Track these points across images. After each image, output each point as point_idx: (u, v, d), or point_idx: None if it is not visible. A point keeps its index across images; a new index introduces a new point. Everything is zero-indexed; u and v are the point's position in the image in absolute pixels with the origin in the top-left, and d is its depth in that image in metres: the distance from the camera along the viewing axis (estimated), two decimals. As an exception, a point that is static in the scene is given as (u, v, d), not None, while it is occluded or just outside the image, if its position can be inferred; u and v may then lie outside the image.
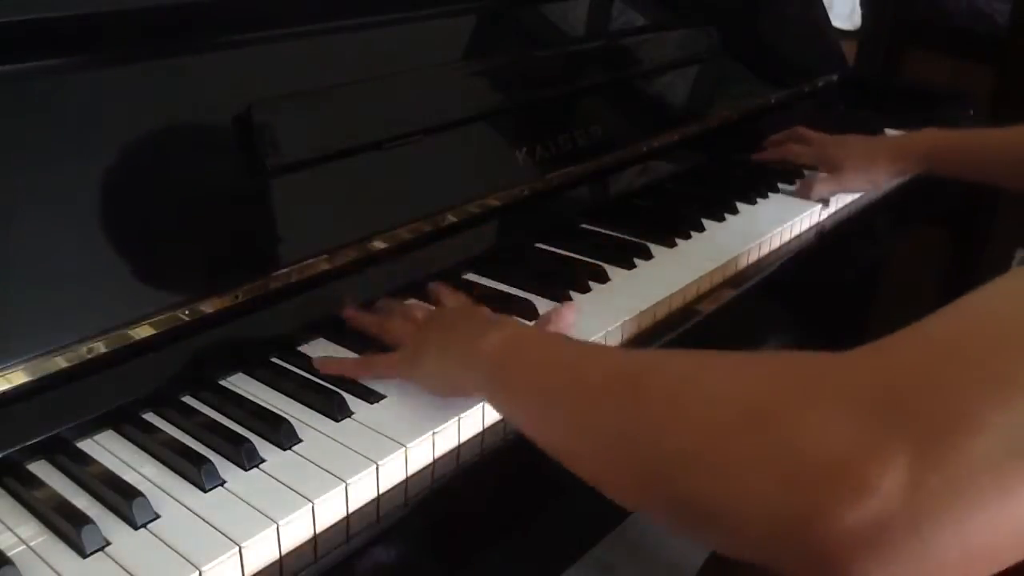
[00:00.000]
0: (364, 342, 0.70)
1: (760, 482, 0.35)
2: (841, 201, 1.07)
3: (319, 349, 0.70)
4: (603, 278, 0.82)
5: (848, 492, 0.32)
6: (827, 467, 0.33)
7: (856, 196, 1.10)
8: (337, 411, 0.61)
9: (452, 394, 0.62)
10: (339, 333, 0.72)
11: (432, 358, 0.61)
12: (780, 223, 0.98)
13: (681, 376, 0.43)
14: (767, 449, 0.35)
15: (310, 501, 0.53)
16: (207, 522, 0.52)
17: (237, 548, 0.50)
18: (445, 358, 0.60)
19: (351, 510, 0.56)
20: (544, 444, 0.50)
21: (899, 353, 0.36)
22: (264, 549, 0.51)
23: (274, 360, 0.69)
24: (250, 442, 0.57)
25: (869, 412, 0.33)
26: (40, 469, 0.57)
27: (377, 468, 0.56)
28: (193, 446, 0.58)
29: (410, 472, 0.59)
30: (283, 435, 0.58)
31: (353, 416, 0.62)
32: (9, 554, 0.49)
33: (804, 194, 1.05)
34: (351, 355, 0.69)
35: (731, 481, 0.36)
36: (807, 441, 0.34)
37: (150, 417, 0.62)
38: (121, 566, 0.49)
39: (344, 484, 0.55)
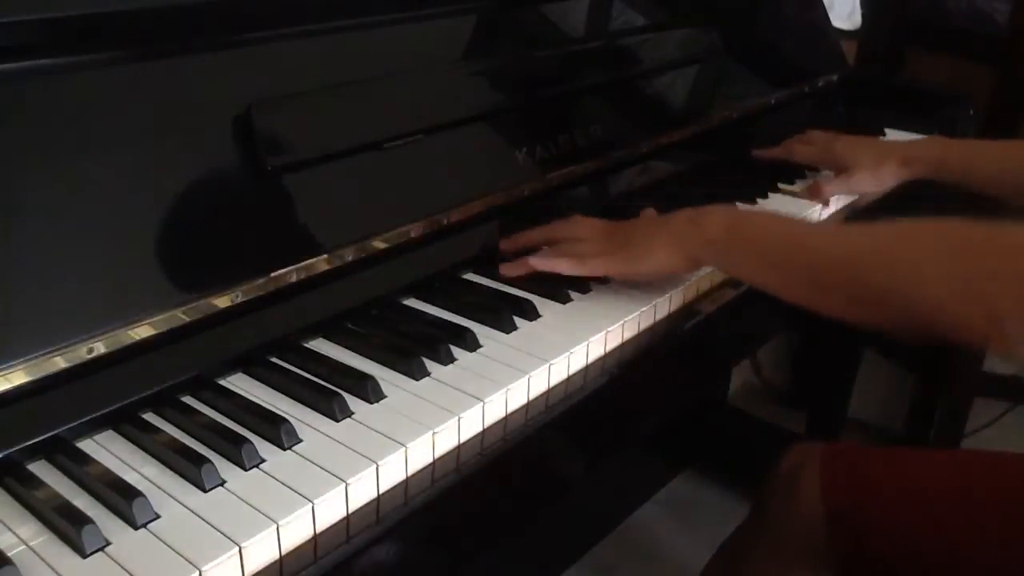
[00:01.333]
0: (365, 341, 0.71)
1: (965, 308, 0.62)
2: (841, 201, 1.07)
3: (319, 349, 0.70)
4: (603, 278, 0.82)
5: (1010, 320, 0.59)
6: (999, 313, 0.60)
7: (855, 197, 1.10)
8: (337, 411, 0.61)
9: (687, 266, 0.78)
10: (339, 333, 0.72)
11: (660, 249, 0.76)
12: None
13: (914, 256, 0.66)
14: (968, 292, 0.62)
15: (310, 501, 0.53)
16: (207, 522, 0.52)
17: (237, 548, 0.50)
18: (675, 245, 0.76)
19: (351, 510, 0.56)
20: (778, 293, 0.73)
21: None
22: (264, 549, 0.51)
23: (274, 360, 0.69)
24: (250, 442, 0.57)
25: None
26: (40, 469, 0.57)
27: (377, 468, 0.56)
28: (193, 446, 0.58)
29: (410, 472, 0.59)
30: (283, 435, 0.58)
31: (353, 416, 0.62)
32: (9, 554, 0.49)
33: (814, 195, 1.05)
34: (351, 355, 0.69)
35: (946, 308, 0.63)
36: (1016, 307, 0.59)
37: (150, 417, 0.62)
38: (121, 566, 0.49)
39: (344, 484, 0.55)
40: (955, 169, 1.02)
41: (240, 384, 0.66)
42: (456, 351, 0.69)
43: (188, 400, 0.64)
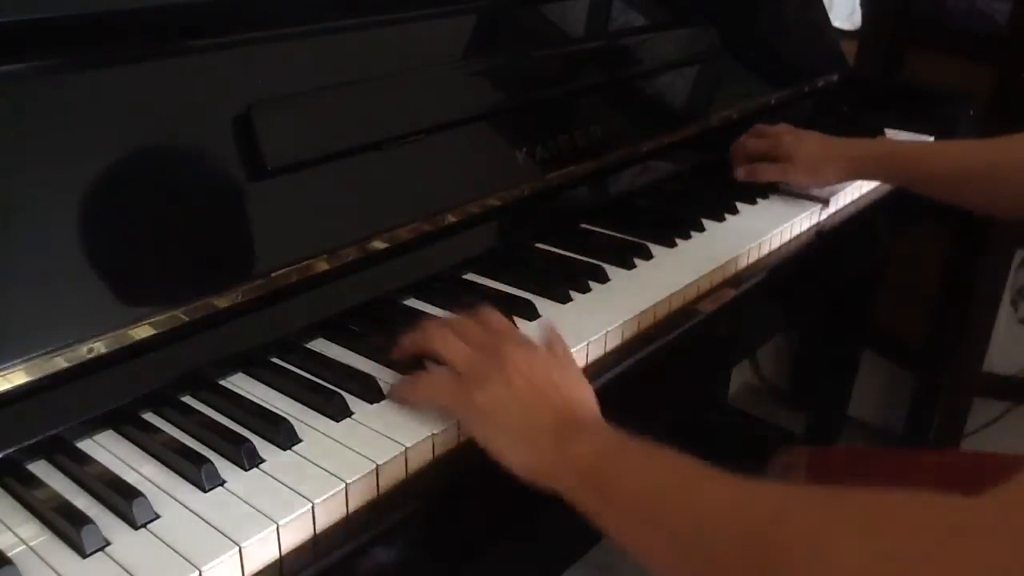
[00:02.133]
0: (365, 341, 0.71)
1: None
2: (841, 201, 1.07)
3: (319, 349, 0.70)
4: (603, 278, 0.82)
5: None
6: None
7: (856, 196, 1.10)
8: (337, 411, 0.61)
9: (536, 479, 0.57)
10: (339, 333, 0.72)
11: (510, 436, 0.58)
12: (780, 223, 0.98)
13: (806, 532, 0.42)
14: None
15: (310, 501, 0.53)
16: (207, 522, 0.52)
17: (237, 548, 0.50)
18: (528, 447, 0.57)
19: (351, 510, 0.56)
20: (645, 560, 0.51)
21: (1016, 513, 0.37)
22: (264, 549, 0.51)
23: (274, 360, 0.69)
24: (250, 442, 0.57)
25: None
26: (40, 469, 0.57)
27: (377, 468, 0.56)
28: (193, 446, 0.58)
29: (410, 472, 0.59)
30: (283, 435, 0.58)
31: (353, 416, 0.62)
32: (9, 554, 0.49)
33: (749, 176, 1.06)
34: (351, 355, 0.69)
35: None
36: None
37: (150, 417, 0.62)
38: (121, 566, 0.49)
39: (344, 484, 0.55)
40: (907, 170, 0.99)
41: (240, 384, 0.66)
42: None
43: (188, 400, 0.64)
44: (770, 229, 0.96)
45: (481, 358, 0.61)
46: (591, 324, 0.74)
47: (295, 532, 0.53)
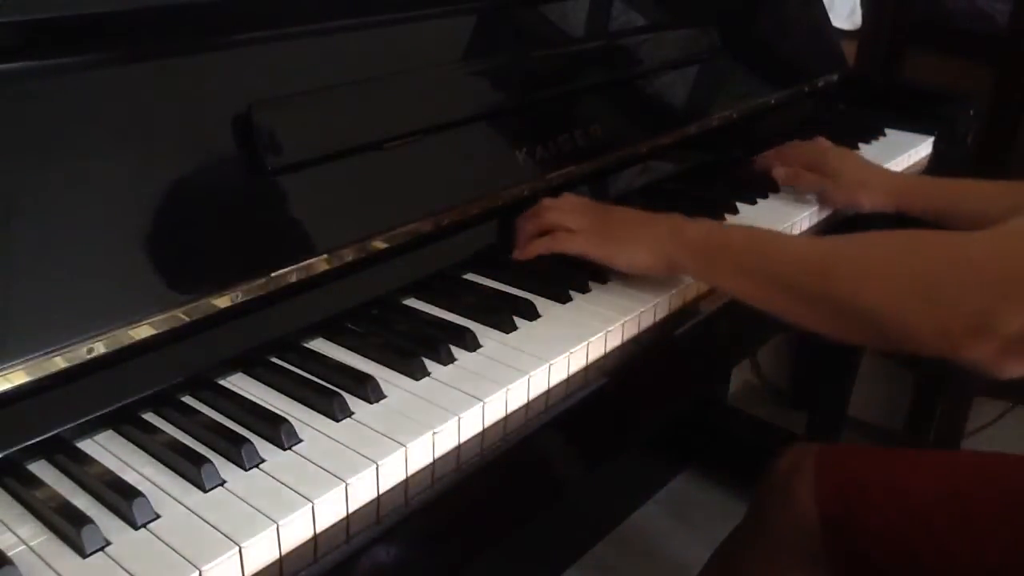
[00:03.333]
0: (365, 341, 0.71)
1: (931, 320, 0.63)
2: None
3: (319, 349, 0.70)
4: (603, 278, 0.82)
5: (983, 334, 0.60)
6: (971, 317, 0.60)
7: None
8: (337, 411, 0.61)
9: (663, 269, 0.79)
10: (339, 333, 0.72)
11: (640, 245, 0.79)
12: (780, 223, 0.98)
13: (870, 251, 0.69)
14: (933, 300, 0.62)
15: (310, 501, 0.53)
16: (207, 522, 0.52)
17: (237, 548, 0.50)
18: (654, 246, 0.78)
19: (351, 510, 0.56)
20: (750, 300, 0.75)
21: (1011, 239, 0.63)
22: (264, 549, 0.51)
23: (274, 360, 0.69)
24: (250, 442, 0.57)
25: (995, 284, 0.60)
26: (40, 469, 0.57)
27: (377, 468, 0.56)
28: (193, 446, 0.58)
29: (410, 472, 0.59)
30: (283, 435, 0.58)
31: (353, 416, 0.62)
32: (9, 554, 0.50)
33: (790, 181, 1.05)
34: (351, 355, 0.69)
35: (910, 319, 0.64)
36: (957, 311, 0.61)
37: (150, 417, 0.62)
38: (121, 566, 0.49)
39: (344, 484, 0.55)
40: (940, 210, 0.99)
41: (240, 384, 0.66)
42: (456, 351, 0.69)
43: (188, 400, 0.64)
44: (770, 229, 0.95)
45: (590, 209, 0.85)
46: (591, 324, 0.74)
47: (295, 532, 0.53)
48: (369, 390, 0.63)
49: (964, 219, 0.95)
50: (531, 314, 0.75)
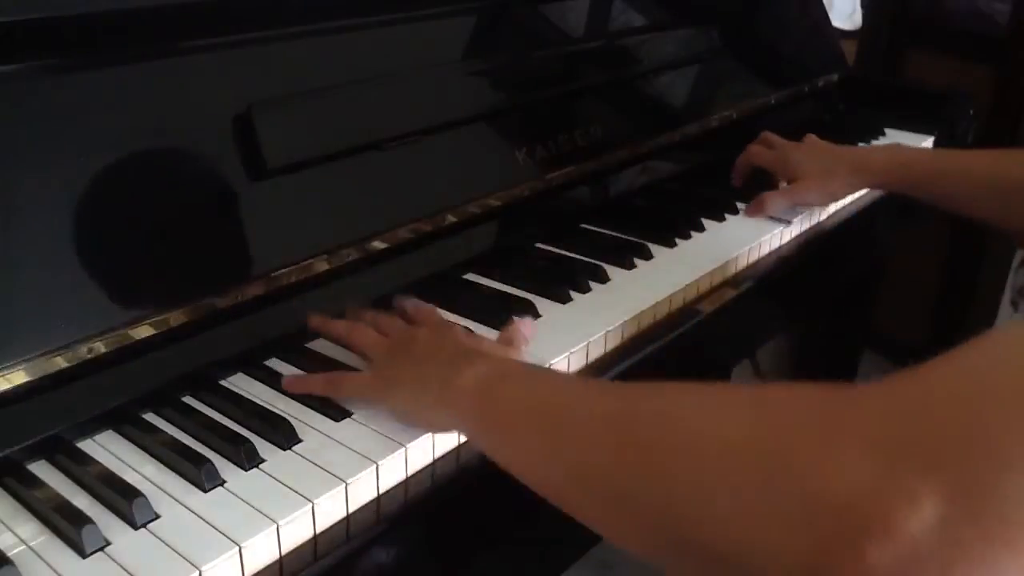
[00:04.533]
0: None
1: (779, 531, 0.33)
2: (841, 201, 1.07)
3: (319, 349, 0.70)
4: (603, 278, 0.82)
5: (872, 538, 0.30)
6: (849, 512, 0.31)
7: (856, 196, 1.09)
8: (337, 411, 0.61)
9: (426, 429, 0.59)
10: (339, 333, 0.72)
11: (405, 389, 0.60)
12: (780, 223, 0.98)
13: (683, 420, 0.41)
14: (784, 496, 0.34)
15: (310, 501, 0.53)
16: (207, 522, 0.52)
17: (237, 548, 0.50)
18: (419, 392, 0.58)
19: (351, 510, 0.56)
20: (532, 485, 0.49)
21: (921, 389, 0.34)
22: (264, 549, 0.51)
23: (274, 360, 0.69)
24: (250, 442, 0.57)
25: (891, 451, 0.32)
26: (40, 469, 0.57)
27: (377, 468, 0.56)
28: (193, 446, 0.58)
29: (410, 472, 0.59)
30: (283, 435, 0.58)
31: (353, 416, 0.62)
32: (9, 554, 0.49)
33: (757, 211, 0.98)
34: (352, 355, 0.69)
35: (748, 532, 0.35)
36: (826, 485, 0.32)
37: (150, 417, 0.62)
38: (121, 566, 0.49)
39: (344, 484, 0.55)
40: (915, 181, 0.96)
41: (240, 384, 0.66)
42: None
43: (188, 400, 0.64)
44: (770, 229, 0.96)
45: (392, 343, 0.64)
46: (591, 324, 0.74)
47: (295, 532, 0.53)
48: (369, 390, 0.63)
49: (939, 194, 0.94)
50: (531, 314, 0.75)
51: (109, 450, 0.59)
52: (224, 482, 0.55)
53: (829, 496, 0.32)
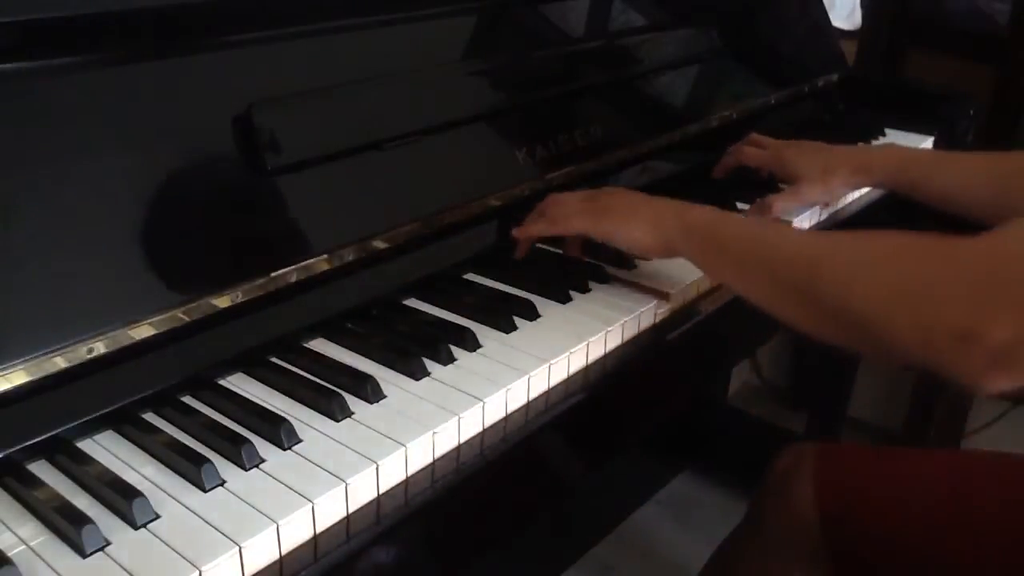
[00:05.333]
0: (365, 341, 0.71)
1: (913, 335, 0.58)
2: (842, 201, 1.07)
3: (319, 349, 0.70)
4: (603, 278, 0.82)
5: (967, 347, 0.55)
6: (955, 334, 0.55)
7: (857, 195, 1.09)
8: (337, 411, 0.61)
9: (660, 250, 0.78)
10: (339, 333, 0.72)
11: (638, 218, 0.78)
12: (784, 219, 0.98)
13: (854, 262, 0.65)
14: (916, 317, 0.58)
15: (310, 501, 0.53)
16: (207, 522, 0.52)
17: (237, 548, 0.50)
18: (652, 220, 0.77)
19: (351, 510, 0.56)
20: (749, 296, 0.72)
21: (1004, 244, 0.59)
22: (264, 549, 0.51)
23: (274, 360, 0.69)
24: (250, 442, 0.57)
25: (984, 291, 0.56)
26: (40, 469, 0.57)
27: (377, 468, 0.56)
28: (193, 446, 0.58)
29: (410, 472, 0.59)
30: (283, 435, 0.58)
31: (353, 416, 0.62)
32: (9, 554, 0.50)
33: (763, 211, 0.99)
34: (351, 355, 0.69)
35: (893, 335, 0.60)
36: (943, 316, 0.57)
37: (150, 417, 0.62)
38: (121, 566, 0.49)
39: (344, 484, 0.55)
40: (914, 180, 0.97)
41: (240, 384, 0.66)
42: (456, 351, 0.69)
43: (188, 400, 0.64)
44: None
45: (591, 195, 0.83)
46: (591, 324, 0.74)
47: (295, 532, 0.53)
48: (369, 390, 0.63)
49: (936, 194, 0.95)
50: (531, 314, 0.75)
51: (109, 450, 0.59)
52: (224, 482, 0.55)
53: (944, 313, 0.57)
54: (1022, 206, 0.86)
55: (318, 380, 0.66)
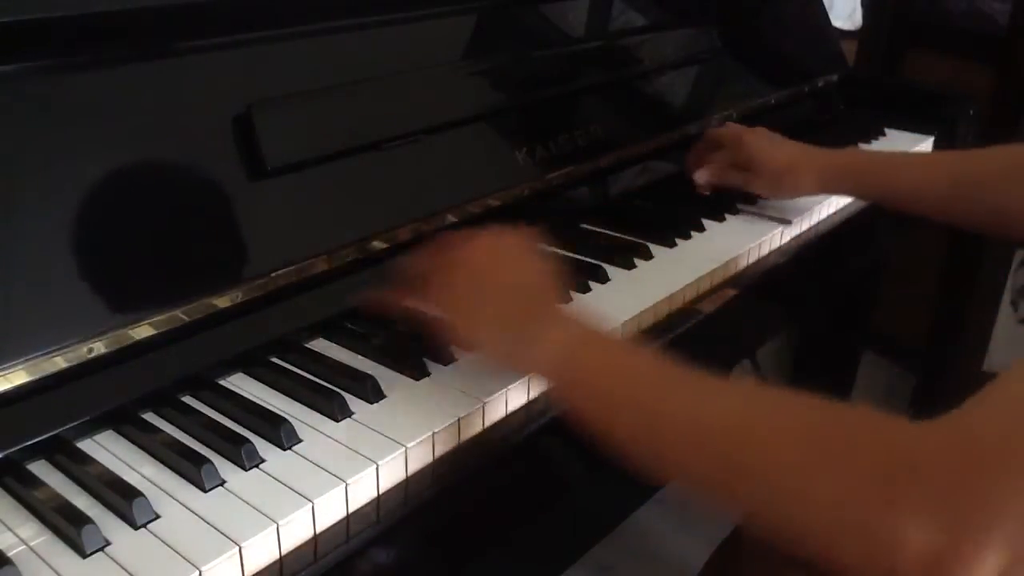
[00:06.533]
0: (365, 341, 0.71)
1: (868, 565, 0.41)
2: (842, 201, 1.07)
3: (319, 349, 0.70)
4: (603, 278, 0.82)
5: None
6: (922, 566, 0.38)
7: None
8: (337, 411, 0.61)
9: (517, 370, 0.64)
10: (339, 333, 0.72)
11: (494, 332, 0.63)
12: (780, 223, 0.98)
13: (755, 437, 0.50)
14: (866, 547, 0.41)
15: (310, 501, 0.53)
16: (207, 522, 0.52)
17: (237, 548, 0.50)
18: (507, 336, 0.62)
19: (351, 510, 0.56)
20: (609, 440, 0.55)
21: (972, 434, 0.42)
22: (264, 549, 0.51)
23: (274, 360, 0.69)
24: (250, 442, 0.57)
25: (955, 506, 0.38)
26: (40, 469, 0.57)
27: (377, 468, 0.56)
28: (193, 446, 0.58)
29: (410, 472, 0.59)
30: (283, 435, 0.58)
31: (353, 416, 0.62)
32: (9, 554, 0.49)
33: (713, 177, 0.98)
34: (351, 355, 0.69)
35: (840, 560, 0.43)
36: (899, 540, 0.39)
37: (150, 417, 0.62)
38: (121, 566, 0.49)
39: (344, 484, 0.55)
40: (874, 185, 0.94)
41: (240, 384, 0.66)
42: (456, 351, 0.69)
43: (188, 400, 0.64)
44: (770, 229, 0.96)
45: (457, 287, 0.65)
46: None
47: (295, 532, 0.53)
48: (369, 390, 0.63)
49: (904, 196, 0.93)
50: (531, 314, 0.75)
51: (109, 450, 0.59)
52: (224, 482, 0.55)
53: (902, 554, 0.39)
54: (989, 204, 0.85)
55: (318, 380, 0.66)
